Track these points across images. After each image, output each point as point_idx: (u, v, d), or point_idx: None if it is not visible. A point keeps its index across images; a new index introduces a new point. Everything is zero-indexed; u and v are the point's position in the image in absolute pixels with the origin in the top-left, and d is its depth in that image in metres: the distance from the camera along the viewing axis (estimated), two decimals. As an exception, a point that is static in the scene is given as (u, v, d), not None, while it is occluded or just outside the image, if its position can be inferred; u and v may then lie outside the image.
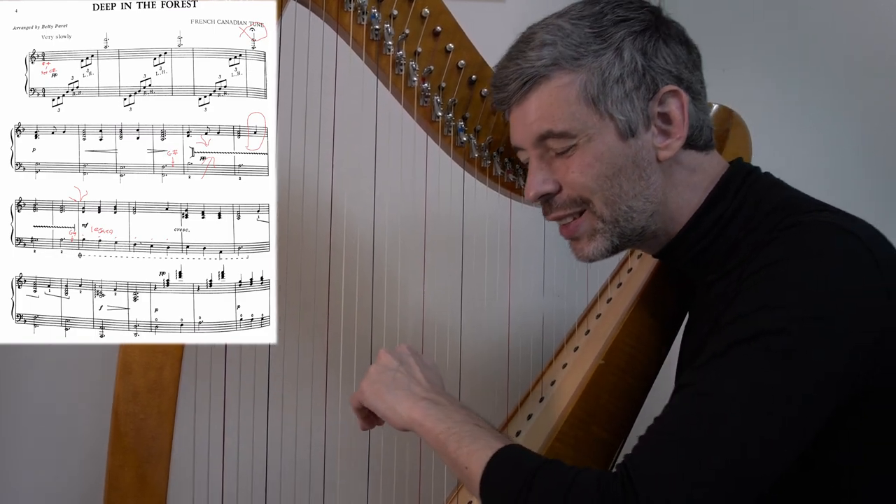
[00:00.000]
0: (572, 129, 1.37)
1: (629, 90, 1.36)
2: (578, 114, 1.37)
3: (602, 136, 1.37)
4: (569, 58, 1.36)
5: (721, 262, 1.39)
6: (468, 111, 1.52)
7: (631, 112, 1.36)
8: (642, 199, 1.39)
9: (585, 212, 1.42)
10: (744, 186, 1.41)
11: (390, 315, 1.72)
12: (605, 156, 1.37)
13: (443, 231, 1.74)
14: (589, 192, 1.39)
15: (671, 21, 1.43)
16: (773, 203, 1.37)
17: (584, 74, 1.36)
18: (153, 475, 1.32)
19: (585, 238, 1.43)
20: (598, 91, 1.35)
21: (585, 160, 1.37)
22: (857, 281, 1.22)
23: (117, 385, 1.31)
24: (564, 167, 1.39)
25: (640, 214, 1.40)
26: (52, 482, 1.96)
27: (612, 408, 1.50)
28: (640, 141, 1.37)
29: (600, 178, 1.38)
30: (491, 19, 1.82)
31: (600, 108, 1.36)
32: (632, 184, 1.38)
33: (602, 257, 1.45)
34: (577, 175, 1.38)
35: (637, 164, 1.38)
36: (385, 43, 1.45)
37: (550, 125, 1.38)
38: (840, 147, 1.82)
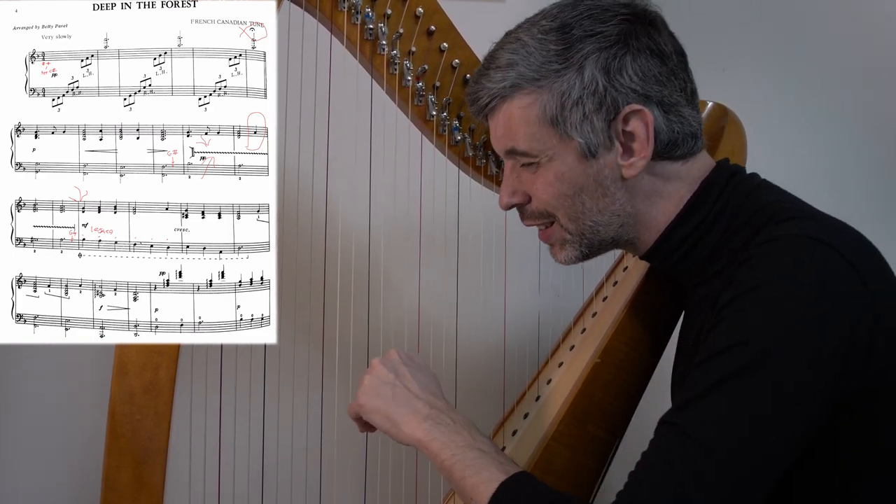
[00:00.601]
0: (532, 150, 1.38)
1: (589, 112, 1.34)
2: (539, 135, 1.37)
3: (562, 157, 1.37)
4: (530, 79, 1.36)
5: (703, 266, 1.39)
6: (463, 110, 1.53)
7: (591, 133, 1.35)
8: (608, 214, 1.40)
9: (554, 223, 1.44)
10: (727, 189, 1.40)
11: (387, 314, 1.72)
12: (565, 176, 1.38)
13: (438, 230, 1.74)
14: (552, 209, 1.41)
15: (649, 26, 1.38)
16: (754, 207, 1.36)
17: (544, 96, 1.35)
18: (150, 476, 1.32)
19: (557, 245, 1.46)
20: (557, 113, 1.35)
21: (547, 179, 1.39)
22: (833, 295, 1.21)
23: (113, 386, 1.31)
24: (531, 181, 1.41)
25: (607, 227, 1.41)
26: (49, 483, 1.96)
27: (608, 406, 1.50)
28: (602, 161, 1.36)
29: (561, 196, 1.39)
30: (490, 19, 1.81)
31: (559, 129, 1.35)
32: (595, 201, 1.39)
33: (575, 262, 1.46)
34: (541, 192, 1.40)
35: (599, 182, 1.38)
36: (379, 42, 1.46)
37: (513, 143, 1.39)
38: (840, 147, 1.82)
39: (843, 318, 1.20)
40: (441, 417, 1.36)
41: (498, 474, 1.27)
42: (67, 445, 1.95)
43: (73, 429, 1.95)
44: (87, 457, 1.91)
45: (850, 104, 2.01)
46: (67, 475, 1.96)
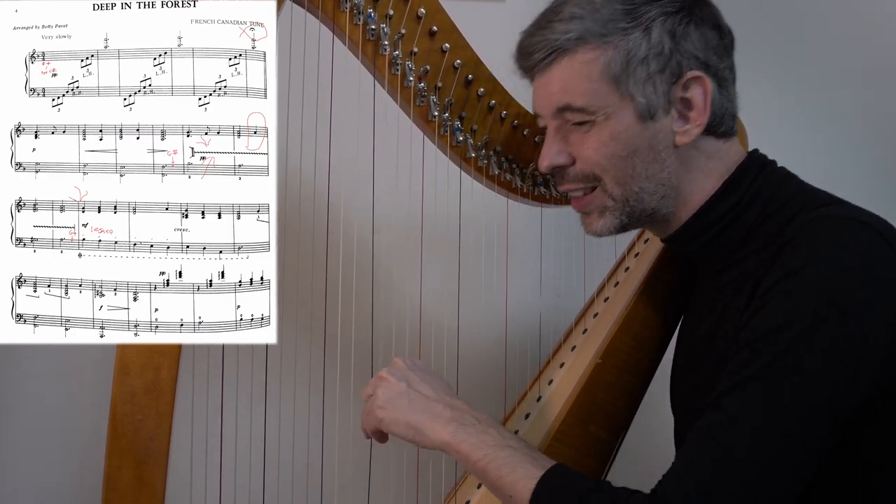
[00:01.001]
0: (591, 106, 1.37)
1: (653, 72, 1.35)
2: (599, 91, 1.36)
3: (620, 116, 1.37)
4: (596, 34, 1.35)
5: (732, 250, 1.39)
6: (465, 111, 1.52)
7: (652, 94, 1.36)
8: (654, 182, 1.39)
9: (597, 188, 1.42)
10: (760, 177, 1.41)
11: (388, 315, 1.72)
12: (621, 136, 1.37)
13: (440, 231, 1.74)
14: (601, 170, 1.39)
15: (707, 3, 1.41)
16: (787, 196, 1.37)
17: (609, 52, 1.35)
18: (151, 476, 1.31)
19: (595, 214, 1.43)
20: (621, 70, 1.35)
21: (601, 138, 1.37)
22: (878, 279, 1.23)
23: (115, 386, 1.31)
24: (580, 142, 1.40)
25: (651, 196, 1.40)
26: (50, 483, 1.96)
27: (609, 407, 1.50)
28: (659, 124, 1.37)
29: (614, 157, 1.38)
30: (490, 19, 1.82)
31: (621, 87, 1.35)
32: (645, 166, 1.38)
33: (610, 234, 1.44)
34: (592, 152, 1.38)
35: (653, 146, 1.38)
36: (381, 43, 1.45)
37: (570, 99, 1.38)
38: (840, 147, 1.83)
39: (890, 303, 1.22)
40: (465, 418, 1.36)
41: (534, 470, 1.28)
42: (68, 446, 1.95)
43: (74, 429, 1.95)
44: (88, 457, 1.91)
45: (850, 104, 2.01)
46: (68, 475, 1.96)
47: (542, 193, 1.61)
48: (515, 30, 1.44)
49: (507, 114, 1.55)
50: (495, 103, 1.54)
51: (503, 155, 1.57)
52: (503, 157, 1.58)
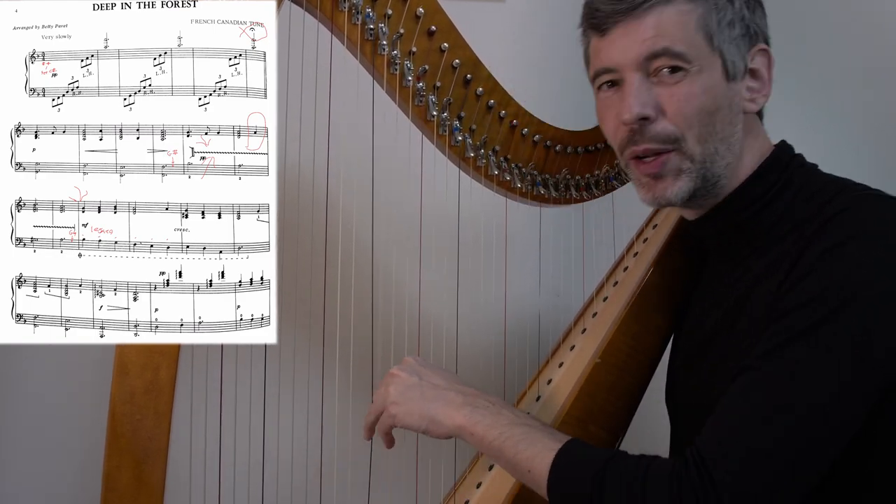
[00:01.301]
0: (688, 54, 1.38)
1: (736, 36, 1.40)
2: (695, 41, 1.38)
3: (711, 71, 1.39)
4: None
5: (760, 235, 1.41)
6: (463, 110, 1.52)
7: (736, 55, 1.40)
8: (726, 145, 1.41)
9: (673, 151, 1.41)
10: (792, 164, 1.44)
11: (387, 315, 1.72)
12: (710, 91, 1.39)
13: (439, 230, 1.74)
14: (686, 127, 1.39)
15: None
16: (819, 184, 1.40)
17: (702, 8, 1.38)
18: (150, 476, 1.31)
19: (670, 177, 1.42)
20: (715, 26, 1.38)
21: (693, 90, 1.38)
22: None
23: (114, 386, 1.31)
24: (669, 93, 1.39)
25: (722, 160, 1.41)
26: (49, 483, 1.96)
27: (609, 406, 1.50)
28: (737, 86, 1.41)
29: (702, 112, 1.38)
30: (491, 19, 1.82)
31: (713, 42, 1.38)
32: (723, 126, 1.40)
33: (680, 201, 1.43)
34: (683, 103, 1.38)
35: (732, 108, 1.41)
36: (380, 43, 1.45)
37: (669, 43, 1.38)
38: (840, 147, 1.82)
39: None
40: (477, 401, 1.39)
41: (552, 443, 1.31)
42: (67, 445, 1.95)
43: (74, 429, 1.94)
44: (87, 457, 1.90)
45: (850, 104, 2.01)
46: (67, 475, 1.96)
47: (541, 193, 1.61)
48: (515, 30, 1.44)
49: (506, 113, 1.55)
50: (494, 103, 1.54)
51: (502, 154, 1.57)
52: (502, 157, 1.57)
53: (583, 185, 1.65)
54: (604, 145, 1.63)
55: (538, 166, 1.60)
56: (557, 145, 1.60)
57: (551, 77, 1.52)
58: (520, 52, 1.91)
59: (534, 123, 1.57)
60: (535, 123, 1.57)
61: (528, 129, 1.57)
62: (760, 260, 1.39)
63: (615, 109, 1.43)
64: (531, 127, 1.57)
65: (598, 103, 1.49)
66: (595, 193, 1.66)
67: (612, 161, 1.66)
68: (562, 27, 1.48)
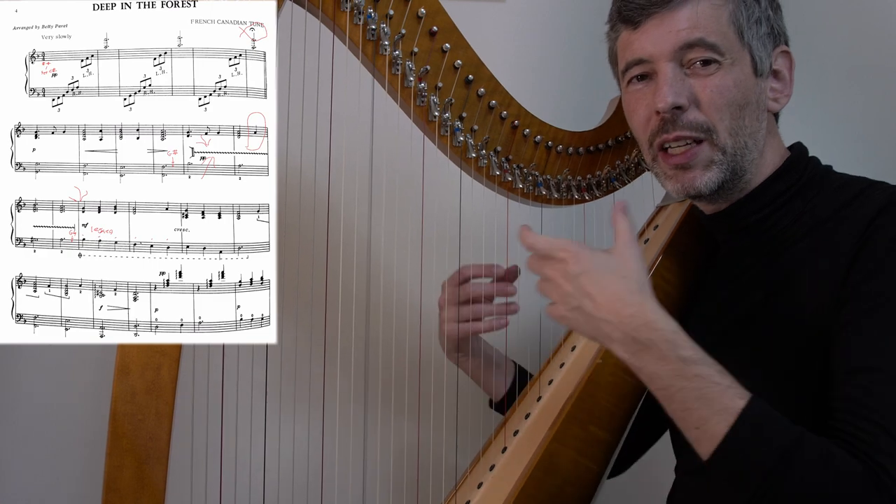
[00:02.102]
0: (721, 46, 1.41)
1: (763, 34, 1.44)
2: (727, 35, 1.42)
3: (742, 65, 1.42)
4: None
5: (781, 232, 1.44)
6: (465, 111, 1.52)
7: (763, 52, 1.43)
8: (753, 139, 1.44)
9: (705, 141, 1.42)
10: (810, 165, 1.48)
11: (388, 315, 1.72)
12: (741, 84, 1.42)
13: (440, 230, 1.74)
14: (718, 118, 1.41)
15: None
16: (839, 182, 1.44)
17: (733, 4, 1.42)
18: (151, 476, 1.31)
19: (700, 167, 1.43)
20: (745, 22, 1.42)
21: (725, 82, 1.41)
22: None
23: (115, 386, 1.31)
24: (702, 85, 1.42)
25: (749, 154, 1.44)
26: (50, 483, 1.96)
27: (610, 407, 1.50)
28: (764, 84, 1.45)
29: (733, 105, 1.41)
30: (491, 19, 1.82)
31: (744, 37, 1.42)
32: (752, 121, 1.43)
33: (709, 191, 1.44)
34: (715, 94, 1.41)
35: (759, 104, 1.44)
36: (381, 43, 1.45)
37: (703, 34, 1.41)
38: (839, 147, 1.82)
39: None
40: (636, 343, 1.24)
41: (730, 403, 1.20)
42: (68, 446, 1.95)
43: (74, 429, 1.95)
44: (88, 457, 1.91)
45: (850, 104, 2.01)
46: (68, 475, 1.96)
47: (543, 194, 1.61)
48: (516, 30, 1.44)
49: (508, 114, 1.55)
50: (496, 103, 1.54)
51: (503, 155, 1.57)
52: (503, 158, 1.57)
53: (584, 186, 1.65)
54: (605, 146, 1.63)
55: (539, 167, 1.60)
56: (559, 146, 1.60)
57: (551, 77, 1.52)
58: (519, 52, 1.90)
59: (535, 124, 1.57)
60: (536, 124, 1.57)
61: (529, 130, 1.57)
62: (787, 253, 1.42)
63: (646, 101, 1.46)
64: (533, 128, 1.57)
65: (628, 97, 1.51)
66: (596, 194, 1.66)
67: (614, 162, 1.66)
68: (562, 27, 1.48)
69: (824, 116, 1.98)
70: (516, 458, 1.52)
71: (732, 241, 1.51)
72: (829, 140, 1.64)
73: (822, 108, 1.98)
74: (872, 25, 2.01)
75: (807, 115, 1.89)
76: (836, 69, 2.01)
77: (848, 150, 1.75)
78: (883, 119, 2.00)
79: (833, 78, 2.00)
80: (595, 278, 1.27)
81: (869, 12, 2.01)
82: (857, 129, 2.00)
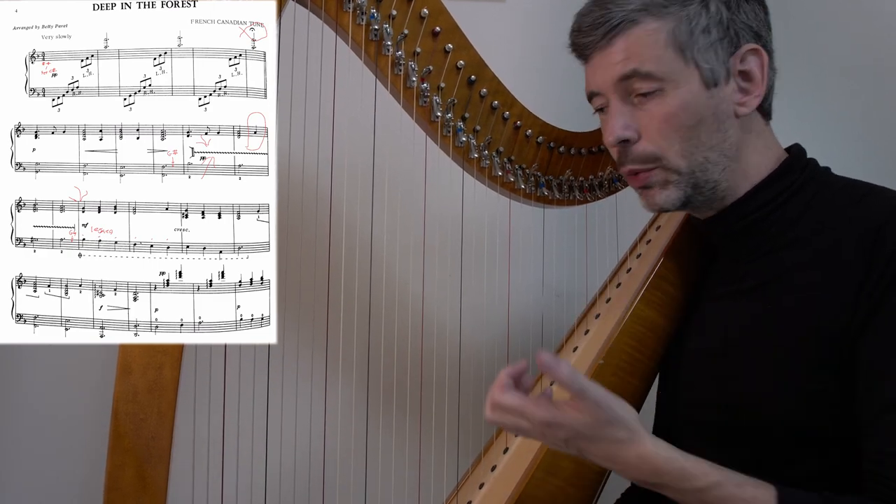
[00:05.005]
0: (659, 72, 1.39)
1: (714, 41, 1.39)
2: (665, 58, 1.39)
3: (688, 84, 1.39)
4: (657, 4, 1.39)
5: (776, 235, 1.42)
6: (467, 111, 1.52)
7: (714, 62, 1.39)
8: (717, 152, 1.41)
9: (657, 168, 1.43)
10: (809, 167, 1.45)
11: (390, 315, 1.72)
12: (688, 105, 1.39)
13: (442, 231, 1.74)
14: (665, 147, 1.41)
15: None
16: (837, 185, 1.42)
17: (671, 22, 1.38)
18: (153, 475, 1.32)
19: (658, 187, 1.44)
20: (686, 38, 1.38)
21: (669, 108, 1.39)
22: None
23: (117, 385, 1.31)
24: (647, 115, 1.41)
25: (715, 167, 1.42)
26: (51, 482, 1.96)
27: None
28: (722, 93, 1.40)
29: (681, 128, 1.40)
30: (491, 19, 1.82)
31: (687, 54, 1.38)
32: (710, 135, 1.40)
33: (673, 207, 1.45)
34: (661, 123, 1.40)
35: (717, 115, 1.40)
36: (384, 43, 1.45)
37: (637, 65, 1.39)
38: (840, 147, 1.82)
39: None
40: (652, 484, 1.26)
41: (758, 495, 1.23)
42: (70, 445, 1.95)
43: (76, 428, 1.95)
44: (89, 456, 1.91)
45: (851, 104, 2.00)
46: (70, 475, 1.96)
47: (545, 194, 1.61)
48: (518, 31, 1.44)
49: (510, 115, 1.55)
50: (498, 104, 1.54)
51: (506, 155, 1.57)
52: (506, 158, 1.57)
53: (586, 186, 1.65)
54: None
55: (542, 167, 1.60)
56: (561, 147, 1.60)
57: (553, 78, 1.52)
58: (520, 52, 1.90)
59: (538, 125, 1.57)
60: (538, 125, 1.57)
61: (531, 131, 1.57)
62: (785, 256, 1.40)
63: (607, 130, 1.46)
64: (535, 128, 1.57)
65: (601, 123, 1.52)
66: (598, 195, 1.66)
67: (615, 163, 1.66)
68: (562, 28, 1.48)
69: (823, 116, 1.98)
70: (518, 458, 1.52)
71: (729, 245, 1.50)
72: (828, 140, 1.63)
73: (820, 108, 1.98)
74: (872, 25, 2.00)
75: (805, 116, 1.89)
76: (836, 69, 2.00)
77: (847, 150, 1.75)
78: (882, 119, 1.99)
79: (832, 78, 2.00)
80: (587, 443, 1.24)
81: (868, 12, 2.00)
82: (857, 129, 2.00)
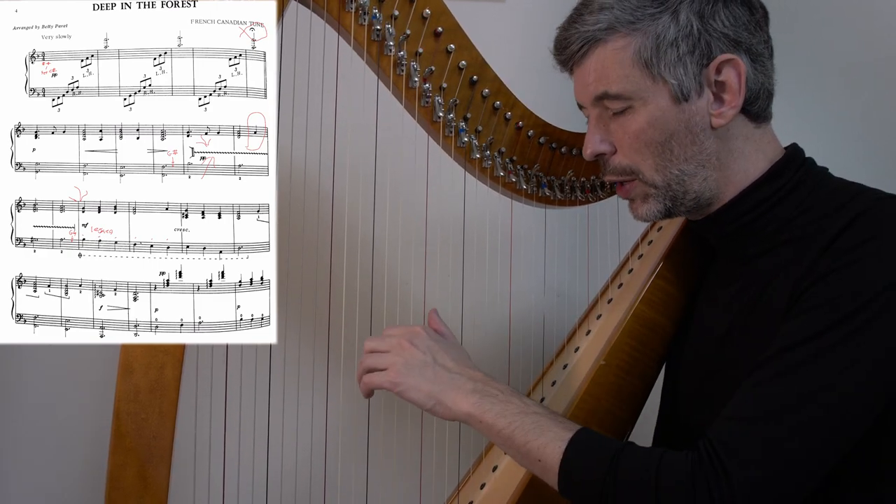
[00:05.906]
0: (626, 92, 1.39)
1: (682, 54, 1.37)
2: (632, 76, 1.39)
3: (656, 100, 1.39)
4: (625, 21, 1.38)
5: (770, 236, 1.41)
6: (469, 112, 1.52)
7: (683, 76, 1.38)
8: (694, 164, 1.41)
9: (635, 180, 1.44)
10: (803, 168, 1.43)
11: (391, 315, 1.72)
12: (658, 121, 1.39)
13: (444, 232, 1.74)
14: (639, 161, 1.42)
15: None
16: (830, 187, 1.41)
17: (639, 38, 1.38)
18: (154, 475, 1.32)
19: (639, 200, 1.46)
20: (652, 55, 1.37)
21: (639, 125, 1.40)
22: None
23: (118, 385, 1.31)
24: (621, 130, 1.42)
25: (692, 178, 1.42)
26: (53, 482, 1.96)
27: (613, 408, 1.50)
28: (694, 106, 1.39)
29: (651, 144, 1.40)
30: (491, 19, 1.82)
31: (653, 71, 1.38)
32: (683, 148, 1.40)
33: (656, 218, 1.47)
34: (632, 139, 1.41)
35: (690, 129, 1.40)
36: (386, 43, 1.45)
37: (606, 87, 1.40)
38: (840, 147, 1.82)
39: None
40: (487, 389, 1.39)
41: (563, 432, 1.32)
42: (71, 445, 1.95)
43: (78, 428, 1.95)
44: (91, 456, 1.92)
45: (851, 104, 2.00)
46: (72, 474, 1.96)
47: (547, 195, 1.61)
48: (519, 31, 1.44)
49: (512, 115, 1.55)
50: (500, 104, 1.54)
51: (508, 156, 1.57)
52: (508, 159, 1.57)
53: (588, 186, 1.65)
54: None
55: (543, 168, 1.60)
56: (563, 147, 1.60)
57: (551, 78, 1.52)
58: (520, 52, 1.89)
59: (539, 125, 1.57)
60: (540, 125, 1.57)
61: (533, 131, 1.57)
62: (772, 259, 1.39)
63: None
64: (537, 128, 1.57)
65: None
66: (600, 195, 1.66)
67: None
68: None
69: (823, 116, 1.98)
70: (519, 459, 1.52)
71: (726, 246, 1.50)
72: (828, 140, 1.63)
73: (820, 108, 1.98)
74: (872, 25, 2.00)
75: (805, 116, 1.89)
76: (836, 69, 2.00)
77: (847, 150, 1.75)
78: (882, 119, 1.99)
79: (832, 78, 2.00)
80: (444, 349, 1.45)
81: (868, 12, 2.00)
82: (857, 129, 1.99)
